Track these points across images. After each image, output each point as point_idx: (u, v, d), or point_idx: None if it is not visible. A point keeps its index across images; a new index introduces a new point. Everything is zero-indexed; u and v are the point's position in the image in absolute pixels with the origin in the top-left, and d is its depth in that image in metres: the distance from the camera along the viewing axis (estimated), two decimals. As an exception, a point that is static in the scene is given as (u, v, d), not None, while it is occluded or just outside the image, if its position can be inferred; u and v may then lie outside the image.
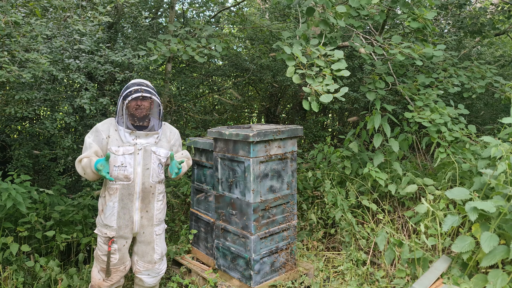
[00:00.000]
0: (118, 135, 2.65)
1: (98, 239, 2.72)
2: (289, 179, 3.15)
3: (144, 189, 2.68)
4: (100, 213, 2.71)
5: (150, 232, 2.76)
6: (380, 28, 4.68)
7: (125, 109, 2.63)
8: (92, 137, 2.66)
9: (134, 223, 2.69)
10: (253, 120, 9.12)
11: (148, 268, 2.81)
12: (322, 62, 2.94)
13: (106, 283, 2.73)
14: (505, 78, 7.04)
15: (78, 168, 2.62)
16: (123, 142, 2.64)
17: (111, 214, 2.65)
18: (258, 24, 6.50)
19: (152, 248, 2.79)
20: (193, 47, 4.01)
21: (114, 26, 6.04)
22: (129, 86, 2.65)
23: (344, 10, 3.25)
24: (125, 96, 2.61)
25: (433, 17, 4.26)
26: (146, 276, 2.82)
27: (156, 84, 6.44)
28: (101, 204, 2.71)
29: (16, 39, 3.37)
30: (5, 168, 4.72)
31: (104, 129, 2.66)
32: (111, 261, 2.68)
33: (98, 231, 2.72)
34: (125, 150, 2.62)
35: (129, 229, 2.69)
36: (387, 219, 3.56)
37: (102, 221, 2.68)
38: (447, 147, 3.61)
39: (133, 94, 2.58)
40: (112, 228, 2.66)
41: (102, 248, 2.69)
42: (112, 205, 2.64)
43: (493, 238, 2.30)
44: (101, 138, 2.64)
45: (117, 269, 2.72)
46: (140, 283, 2.88)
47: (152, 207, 2.74)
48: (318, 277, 3.20)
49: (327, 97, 2.66)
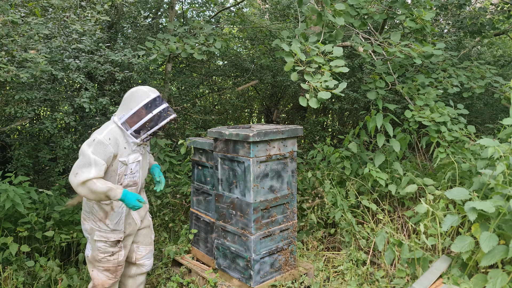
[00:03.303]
0: (128, 144, 2.58)
1: (100, 244, 2.64)
2: (289, 179, 3.15)
3: (141, 187, 2.84)
4: (102, 220, 2.63)
5: (147, 218, 2.97)
6: (380, 28, 4.69)
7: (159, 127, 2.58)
8: (96, 151, 2.42)
9: (136, 220, 2.81)
10: (253, 120, 9.12)
11: (149, 250, 2.97)
12: (321, 59, 2.94)
13: (111, 281, 2.74)
14: (505, 78, 7.04)
15: (84, 190, 2.38)
16: (132, 150, 2.62)
17: (120, 219, 2.66)
18: (258, 24, 6.50)
19: (150, 229, 2.99)
20: (191, 45, 4.01)
21: (114, 26, 6.04)
22: (159, 103, 2.56)
23: (342, 8, 3.25)
24: (161, 113, 2.55)
25: (432, 18, 4.26)
26: (146, 259, 2.96)
27: (156, 84, 6.45)
28: (103, 210, 2.62)
29: (13, 38, 3.37)
30: (5, 168, 4.72)
31: (112, 143, 2.48)
32: (117, 258, 2.71)
33: (101, 237, 2.64)
34: (135, 157, 2.63)
35: (134, 226, 2.80)
36: (387, 219, 3.56)
37: (109, 228, 2.63)
38: (446, 147, 3.61)
39: (170, 115, 2.58)
40: (121, 231, 2.68)
41: (108, 251, 2.66)
42: (121, 210, 2.65)
43: (493, 238, 2.30)
44: (109, 152, 2.46)
45: (123, 266, 2.79)
46: (138, 271, 2.95)
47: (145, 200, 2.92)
48: (318, 277, 3.20)
49: (325, 93, 2.66)
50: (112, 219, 2.63)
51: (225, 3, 7.48)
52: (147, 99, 2.55)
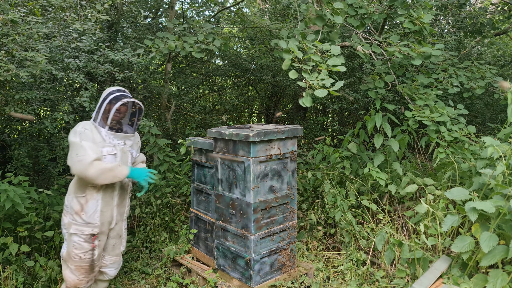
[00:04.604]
0: (101, 136, 2.69)
1: (75, 238, 2.68)
2: (289, 179, 3.15)
3: (121, 187, 2.84)
4: (78, 213, 2.68)
5: (121, 226, 2.93)
6: (380, 28, 4.69)
7: (114, 112, 2.68)
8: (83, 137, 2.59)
9: (112, 219, 2.81)
10: (253, 120, 9.12)
11: (115, 260, 2.95)
12: (318, 57, 2.94)
13: (83, 281, 2.73)
14: (505, 78, 7.03)
15: (94, 171, 2.51)
16: (106, 143, 2.69)
17: (95, 212, 2.69)
18: (257, 24, 6.50)
19: (121, 241, 2.96)
20: (190, 43, 4.01)
21: (113, 26, 6.04)
22: (114, 92, 2.76)
23: (341, 7, 3.25)
24: (115, 98, 2.69)
25: (431, 19, 4.26)
26: (111, 268, 2.95)
27: (156, 84, 6.44)
28: (79, 203, 2.69)
29: (13, 38, 3.37)
30: (5, 168, 4.72)
31: (88, 130, 2.65)
32: (92, 256, 2.71)
33: (76, 231, 2.68)
34: (108, 150, 2.69)
35: (108, 225, 2.80)
36: (387, 219, 3.56)
37: (84, 220, 2.68)
38: (446, 147, 3.61)
39: (123, 99, 2.70)
40: (96, 225, 2.70)
41: (82, 246, 2.68)
42: (96, 203, 2.70)
43: (493, 238, 2.30)
44: (91, 136, 2.63)
45: (97, 265, 2.78)
46: (101, 278, 2.95)
47: (126, 203, 2.93)
48: (318, 277, 3.20)
49: (322, 91, 2.66)
50: (86, 211, 2.68)
51: (225, 3, 7.48)
52: (105, 93, 2.75)
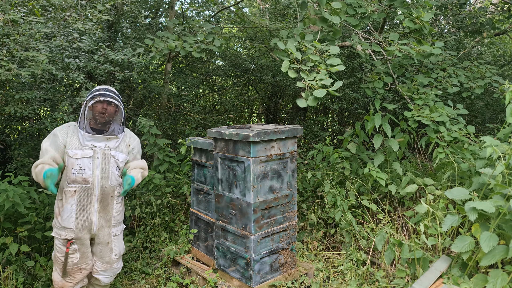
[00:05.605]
0: (78, 138, 2.66)
1: (56, 241, 2.70)
2: (289, 179, 3.15)
3: (103, 192, 2.71)
4: (56, 216, 2.70)
5: (108, 233, 2.80)
6: (380, 28, 4.69)
7: (88, 112, 2.66)
8: (49, 142, 2.64)
9: (92, 225, 2.71)
10: (253, 120, 9.12)
11: (106, 268, 2.86)
12: (316, 57, 2.93)
13: (69, 283, 2.73)
14: (505, 78, 7.04)
15: (33, 174, 2.56)
16: (82, 145, 2.65)
17: (69, 216, 2.64)
18: (257, 24, 6.50)
19: (110, 248, 2.83)
20: (190, 43, 4.01)
21: (114, 26, 6.04)
22: (94, 91, 2.70)
23: (339, 6, 3.25)
24: (91, 98, 2.66)
25: (431, 18, 4.26)
26: (103, 276, 2.87)
27: (156, 84, 6.44)
28: (58, 207, 2.70)
29: (14, 37, 3.37)
30: (5, 168, 4.72)
31: (62, 133, 2.66)
32: (72, 260, 2.69)
33: (55, 234, 2.70)
34: (84, 153, 2.64)
35: (87, 230, 2.70)
36: (387, 219, 3.56)
37: (60, 224, 2.67)
38: (445, 147, 3.61)
39: (98, 97, 2.65)
40: (71, 229, 2.65)
41: (61, 250, 2.69)
42: (70, 208, 2.64)
43: (493, 238, 2.30)
44: (59, 142, 2.63)
45: (79, 267, 2.73)
46: (96, 283, 2.92)
47: (111, 209, 2.78)
48: (318, 277, 3.20)
49: (321, 91, 2.66)
50: (63, 215, 2.65)
51: (225, 3, 7.48)
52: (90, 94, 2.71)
